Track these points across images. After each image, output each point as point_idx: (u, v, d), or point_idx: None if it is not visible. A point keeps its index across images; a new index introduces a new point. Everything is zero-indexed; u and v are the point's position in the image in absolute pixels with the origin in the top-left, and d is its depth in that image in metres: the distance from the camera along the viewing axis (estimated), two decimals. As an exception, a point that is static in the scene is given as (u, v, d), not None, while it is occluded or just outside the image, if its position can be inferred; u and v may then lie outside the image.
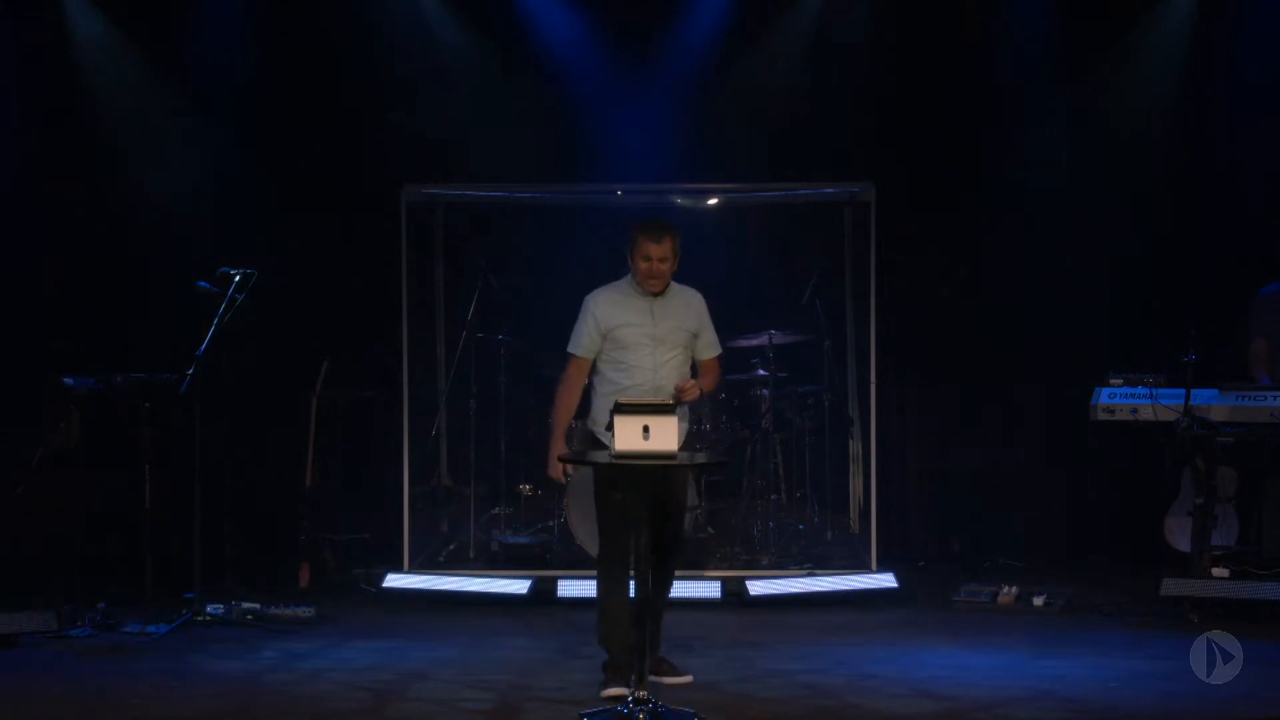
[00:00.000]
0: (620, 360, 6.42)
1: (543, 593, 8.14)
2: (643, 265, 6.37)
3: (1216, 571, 7.61)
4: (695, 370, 6.60)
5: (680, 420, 6.44)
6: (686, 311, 6.50)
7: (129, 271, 9.04)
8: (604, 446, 6.32)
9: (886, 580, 8.29)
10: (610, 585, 6.25)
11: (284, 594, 8.02)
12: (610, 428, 5.74)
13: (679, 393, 6.33)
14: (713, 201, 9.43)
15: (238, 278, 7.54)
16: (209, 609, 7.49)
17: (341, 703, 6.08)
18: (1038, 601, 8.02)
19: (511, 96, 9.32)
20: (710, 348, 6.61)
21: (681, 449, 6.24)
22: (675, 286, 6.51)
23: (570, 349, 6.51)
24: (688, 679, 6.33)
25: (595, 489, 6.35)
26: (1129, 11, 9.29)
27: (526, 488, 9.24)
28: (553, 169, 9.42)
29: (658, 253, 6.34)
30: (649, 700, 5.66)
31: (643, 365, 6.39)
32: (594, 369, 6.51)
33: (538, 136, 9.33)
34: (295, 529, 8.69)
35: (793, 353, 9.10)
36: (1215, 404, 7.81)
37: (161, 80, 9.19)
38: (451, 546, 9.05)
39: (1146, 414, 7.91)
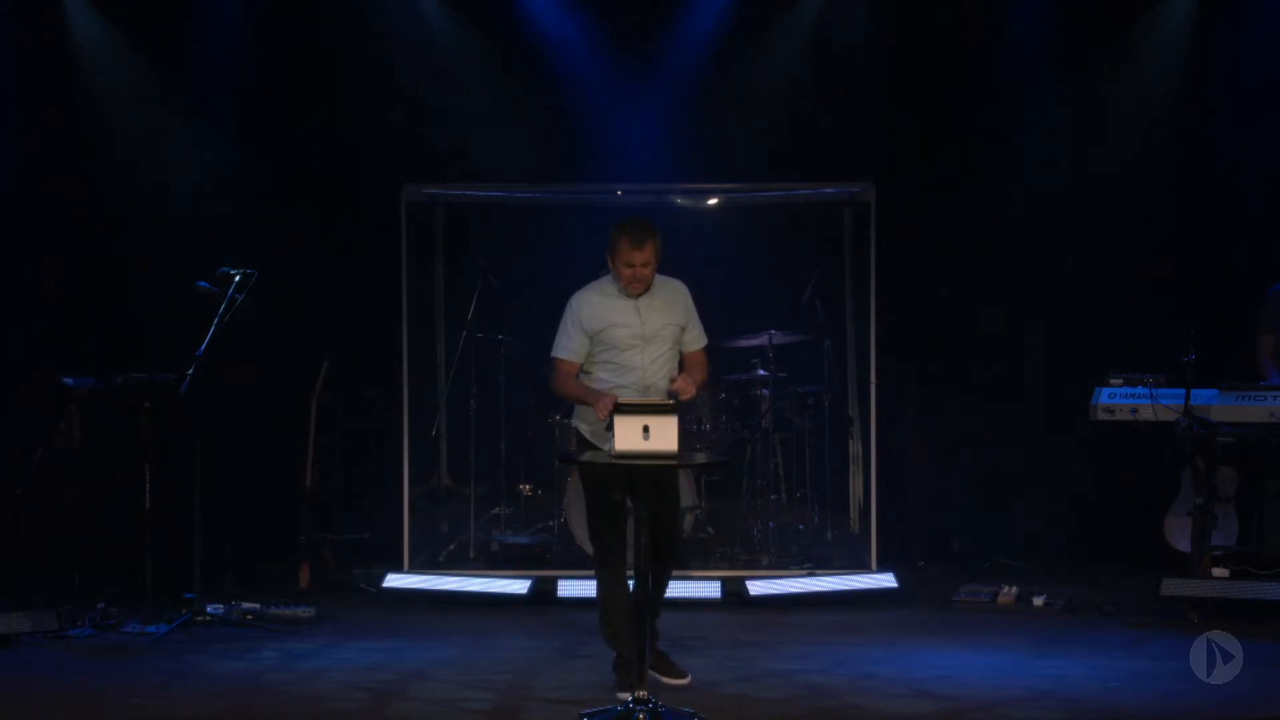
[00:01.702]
0: (610, 361, 6.35)
1: (543, 593, 8.14)
2: (625, 271, 6.25)
3: (1216, 571, 7.61)
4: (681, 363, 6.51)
5: None
6: (673, 305, 6.40)
7: (129, 271, 9.04)
8: (592, 446, 6.31)
9: (886, 580, 8.29)
10: (610, 585, 6.24)
11: (284, 594, 8.01)
12: (610, 428, 5.74)
13: (677, 394, 6.23)
14: (713, 201, 9.43)
15: (238, 278, 7.54)
16: (209, 609, 7.50)
17: (341, 703, 6.08)
18: (1038, 601, 8.02)
19: (511, 96, 9.32)
20: (696, 340, 6.49)
21: None
22: (658, 280, 6.39)
23: (555, 353, 6.38)
24: (686, 680, 6.31)
25: (585, 491, 6.32)
26: (1129, 11, 9.28)
27: (526, 488, 9.24)
28: (553, 169, 9.42)
29: (640, 259, 6.22)
30: (649, 700, 5.66)
31: (633, 365, 6.31)
32: (582, 369, 6.43)
33: (538, 136, 9.33)
34: (295, 529, 8.69)
35: (793, 353, 9.10)
36: (1215, 404, 7.81)
37: (161, 80, 9.18)
38: (451, 546, 9.05)
39: (1146, 414, 7.91)
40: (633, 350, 6.32)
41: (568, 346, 6.36)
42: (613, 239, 6.29)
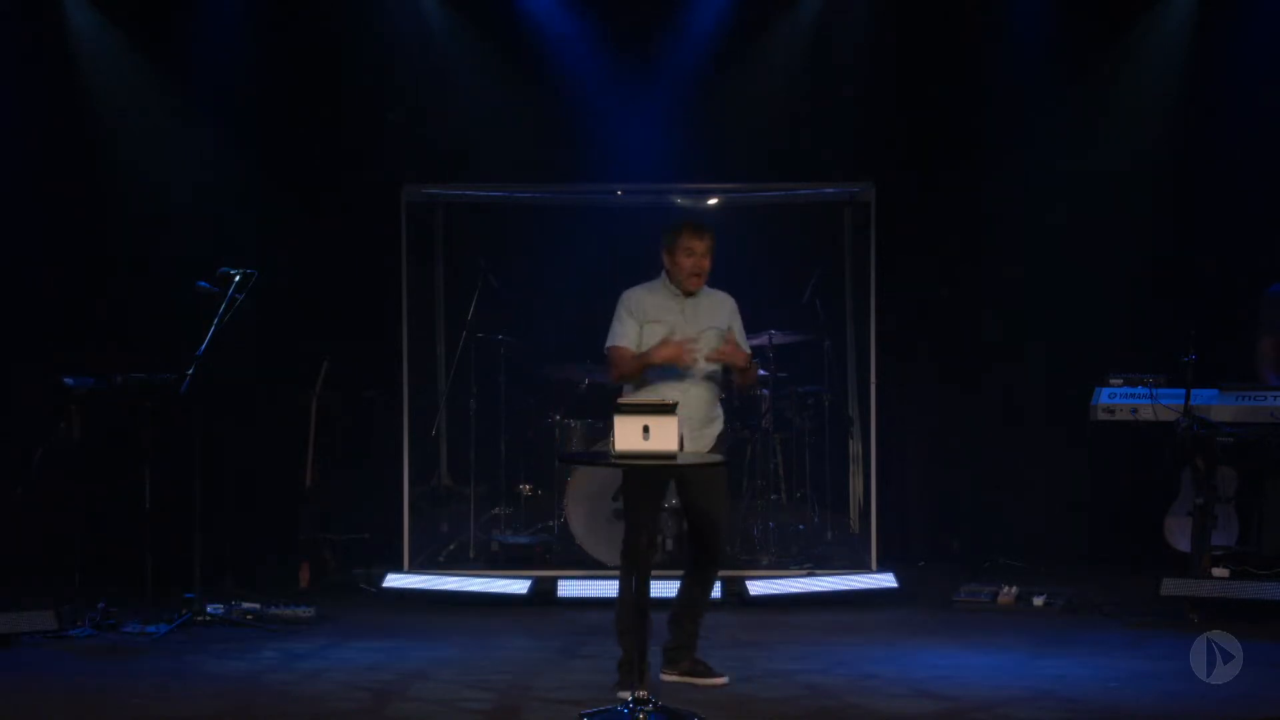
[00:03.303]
0: None
1: (543, 593, 8.14)
2: (686, 261, 6.34)
3: (1216, 571, 7.61)
4: (728, 372, 6.54)
5: (715, 421, 6.44)
6: (718, 311, 6.50)
7: (129, 271, 9.04)
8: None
9: (886, 580, 8.29)
10: (628, 581, 6.20)
11: (284, 594, 8.01)
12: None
13: (719, 355, 6.27)
14: (713, 201, 9.42)
15: (238, 278, 7.54)
16: (209, 609, 7.49)
17: (341, 703, 6.08)
18: (1038, 601, 8.01)
19: (511, 96, 9.32)
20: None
21: (714, 450, 6.29)
22: (705, 289, 6.49)
23: (611, 343, 6.42)
24: (723, 680, 6.30)
25: (624, 484, 6.33)
26: (1129, 11, 9.29)
27: (526, 488, 9.24)
28: (553, 169, 9.42)
29: (700, 248, 6.33)
30: (649, 700, 5.66)
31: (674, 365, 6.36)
32: None
33: (538, 136, 9.33)
34: (295, 529, 8.69)
35: (793, 353, 9.10)
36: (1215, 404, 7.81)
37: (161, 80, 9.19)
38: (451, 546, 9.04)
39: (1146, 414, 7.91)
40: None
41: (623, 334, 6.42)
42: (671, 232, 6.40)
